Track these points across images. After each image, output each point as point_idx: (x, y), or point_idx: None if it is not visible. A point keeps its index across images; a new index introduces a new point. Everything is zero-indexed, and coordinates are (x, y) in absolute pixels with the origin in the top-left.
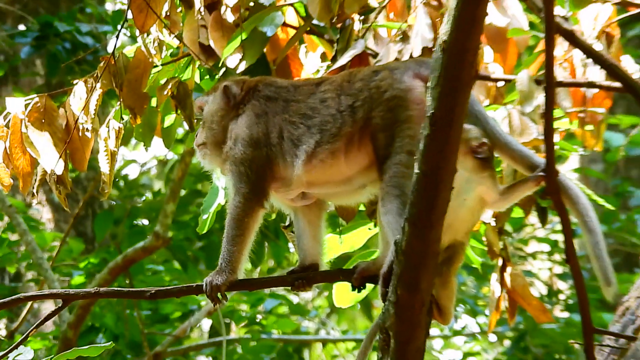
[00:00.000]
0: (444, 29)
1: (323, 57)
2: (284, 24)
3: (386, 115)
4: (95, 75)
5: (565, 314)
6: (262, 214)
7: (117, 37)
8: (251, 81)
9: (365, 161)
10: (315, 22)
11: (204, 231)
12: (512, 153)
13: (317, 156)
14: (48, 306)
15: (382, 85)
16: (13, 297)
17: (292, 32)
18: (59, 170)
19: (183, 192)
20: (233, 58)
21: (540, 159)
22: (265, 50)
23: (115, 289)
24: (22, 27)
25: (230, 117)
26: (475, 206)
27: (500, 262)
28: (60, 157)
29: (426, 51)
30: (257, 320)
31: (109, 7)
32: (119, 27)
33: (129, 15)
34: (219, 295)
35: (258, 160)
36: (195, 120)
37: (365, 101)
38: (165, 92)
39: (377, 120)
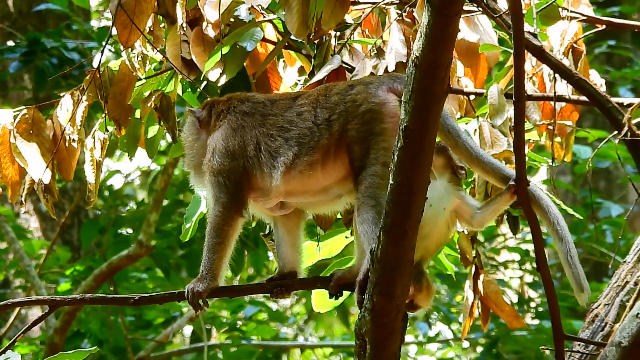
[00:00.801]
0: (417, 45)
1: (301, 71)
2: (263, 40)
3: (361, 128)
4: (81, 88)
5: (536, 322)
6: (242, 223)
7: (102, 52)
8: (221, 100)
9: (342, 172)
10: (293, 37)
11: (187, 239)
12: (483, 165)
13: (296, 167)
14: (35, 312)
15: (357, 99)
16: (1, 303)
17: (271, 47)
18: (47, 180)
19: (166, 202)
20: (214, 72)
21: (511, 170)
22: (245, 64)
23: (100, 295)
24: (10, 43)
25: (205, 137)
26: (451, 218)
27: (473, 269)
28: (47, 166)
29: (400, 66)
30: (238, 327)
31: (94, 23)
32: (104, 42)
33: (114, 31)
34: (200, 301)
35: (235, 171)
36: (178, 132)
37: (341, 114)
38: (149, 105)
39: (352, 133)
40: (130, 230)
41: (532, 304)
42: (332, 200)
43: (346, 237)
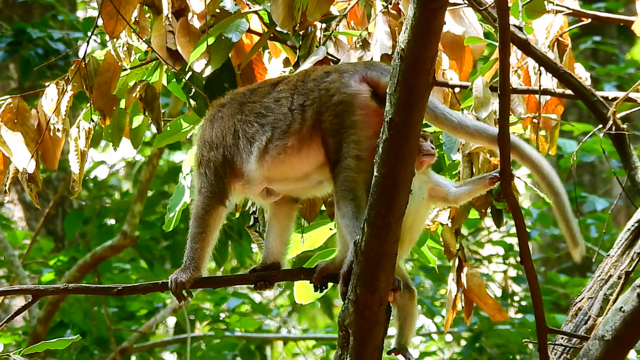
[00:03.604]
0: (403, 37)
1: (286, 62)
2: (249, 31)
3: (334, 121)
4: (66, 78)
5: (519, 315)
6: (224, 213)
7: (88, 42)
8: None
9: (319, 158)
10: (278, 29)
11: (170, 229)
12: (467, 130)
13: (269, 152)
14: (18, 302)
15: (330, 88)
16: None
17: (256, 38)
18: (31, 169)
19: (150, 193)
20: (199, 63)
21: (496, 129)
22: (230, 55)
23: (84, 285)
24: None
25: None
26: (429, 206)
27: (456, 262)
28: (32, 156)
29: (385, 58)
30: (221, 319)
31: (80, 14)
32: (89, 33)
33: (100, 21)
34: (184, 292)
35: (215, 160)
36: (162, 123)
37: (314, 101)
38: (134, 95)
39: (326, 125)
40: (114, 221)
41: (516, 298)
42: (314, 186)
43: (330, 229)
